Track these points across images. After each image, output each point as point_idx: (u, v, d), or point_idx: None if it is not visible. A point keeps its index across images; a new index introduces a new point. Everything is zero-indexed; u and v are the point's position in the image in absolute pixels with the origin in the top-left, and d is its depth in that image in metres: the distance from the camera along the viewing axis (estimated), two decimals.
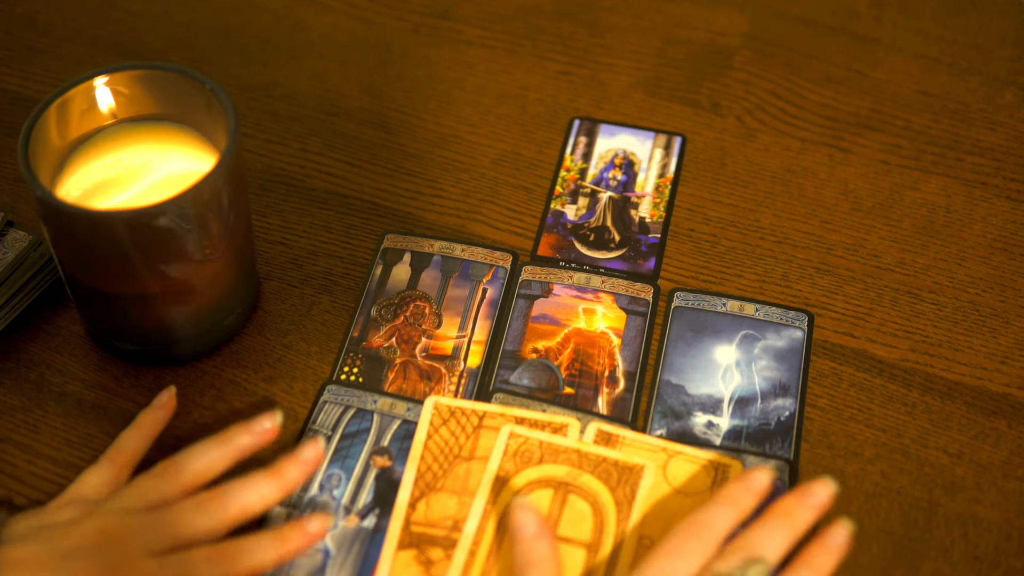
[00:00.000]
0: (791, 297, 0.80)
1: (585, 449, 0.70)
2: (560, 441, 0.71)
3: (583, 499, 0.68)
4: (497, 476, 0.69)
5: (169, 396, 0.72)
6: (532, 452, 0.70)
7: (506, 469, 0.69)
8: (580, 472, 0.69)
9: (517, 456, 0.70)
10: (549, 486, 0.69)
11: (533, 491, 0.69)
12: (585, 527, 0.67)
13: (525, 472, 0.69)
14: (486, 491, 0.69)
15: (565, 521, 0.67)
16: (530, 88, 0.92)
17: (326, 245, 0.82)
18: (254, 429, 0.68)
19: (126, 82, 0.72)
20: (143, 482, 0.66)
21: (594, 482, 0.69)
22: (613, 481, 0.69)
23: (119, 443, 0.69)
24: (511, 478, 0.69)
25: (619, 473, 0.69)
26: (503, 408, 0.73)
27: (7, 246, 0.76)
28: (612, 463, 0.69)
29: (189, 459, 0.66)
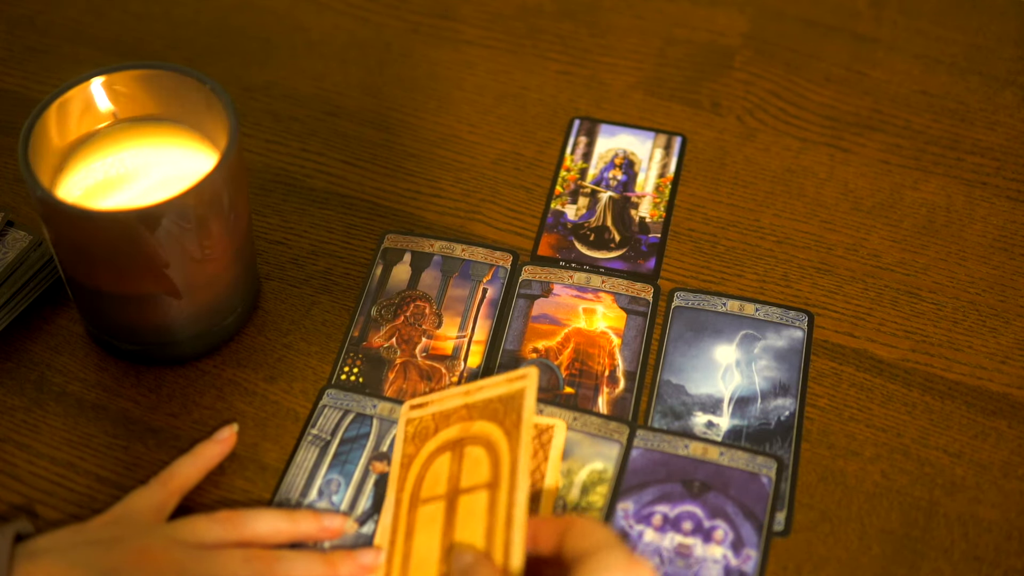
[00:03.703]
0: (791, 297, 0.80)
1: (471, 400, 0.69)
2: (448, 405, 0.70)
3: (477, 445, 0.67)
4: (401, 463, 0.69)
5: (231, 432, 0.72)
6: (427, 427, 0.70)
7: (407, 454, 0.69)
8: (471, 423, 0.68)
9: (416, 436, 0.70)
10: (446, 450, 0.68)
11: (433, 462, 0.68)
12: (482, 469, 0.66)
13: (424, 448, 0.69)
14: (394, 483, 0.69)
15: (465, 474, 0.67)
16: (530, 88, 0.92)
17: (326, 245, 0.82)
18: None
19: (126, 82, 0.72)
20: (200, 522, 0.66)
21: (485, 425, 0.68)
22: (500, 415, 0.68)
23: (173, 469, 0.69)
24: (413, 460, 0.69)
25: (504, 405, 0.68)
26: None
27: (7, 246, 0.76)
28: (497, 400, 0.68)
29: (254, 519, 0.66)
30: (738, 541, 0.68)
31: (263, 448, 0.72)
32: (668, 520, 0.69)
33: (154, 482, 0.68)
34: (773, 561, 0.68)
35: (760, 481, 0.71)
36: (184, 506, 0.69)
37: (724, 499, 0.70)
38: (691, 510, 0.70)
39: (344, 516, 0.69)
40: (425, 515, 0.66)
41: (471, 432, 0.68)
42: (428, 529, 0.65)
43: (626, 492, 0.70)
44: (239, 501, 0.70)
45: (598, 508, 0.70)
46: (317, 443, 0.72)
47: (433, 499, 0.67)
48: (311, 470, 0.71)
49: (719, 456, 0.72)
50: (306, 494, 0.70)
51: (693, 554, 0.68)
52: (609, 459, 0.72)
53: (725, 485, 0.70)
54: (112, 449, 0.72)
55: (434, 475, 0.68)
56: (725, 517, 0.69)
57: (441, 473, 0.67)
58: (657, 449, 0.72)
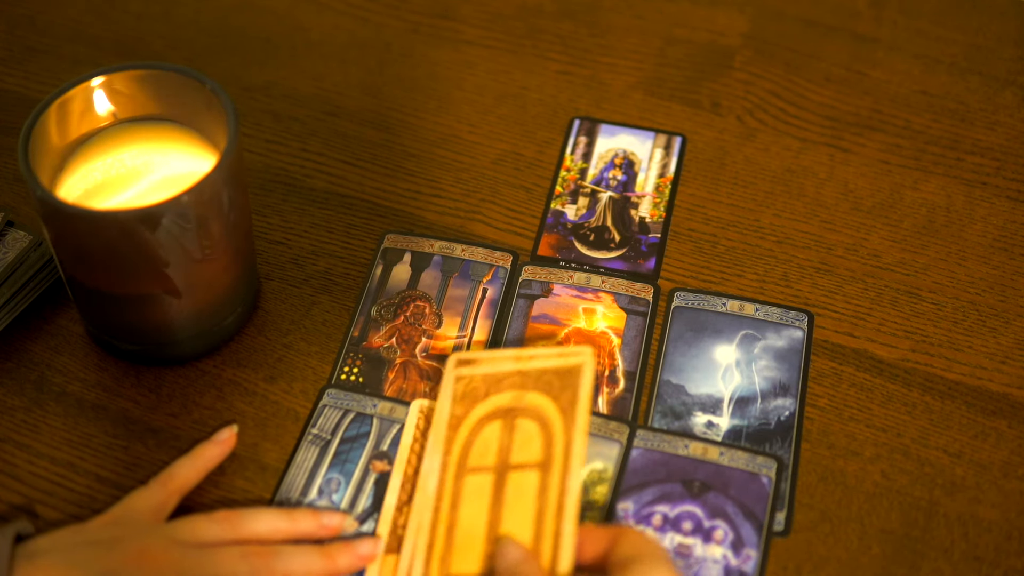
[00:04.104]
0: (791, 297, 0.80)
1: (526, 367, 0.68)
2: (502, 368, 0.69)
3: (530, 419, 0.67)
4: (449, 423, 0.68)
5: (230, 434, 0.72)
6: (477, 389, 0.69)
7: (456, 415, 0.68)
8: (524, 393, 0.68)
9: (465, 397, 0.69)
10: (497, 417, 0.67)
11: (483, 429, 0.68)
12: (535, 447, 0.66)
13: (473, 411, 0.68)
14: (440, 443, 0.68)
15: (516, 448, 0.66)
16: (530, 88, 0.92)
17: (326, 245, 0.82)
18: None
19: (126, 82, 0.72)
20: (199, 522, 0.66)
21: (538, 398, 0.67)
22: (555, 390, 0.67)
23: (172, 469, 0.69)
24: (462, 421, 0.68)
25: (560, 380, 0.67)
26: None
27: (7, 246, 0.76)
28: (552, 372, 0.68)
29: (253, 518, 0.66)
30: (738, 541, 0.68)
31: (263, 448, 0.72)
32: (668, 520, 0.69)
33: (154, 483, 0.68)
34: (773, 561, 0.68)
35: (760, 481, 0.71)
36: (184, 506, 0.69)
37: (724, 499, 0.70)
38: (691, 510, 0.70)
39: (343, 514, 0.69)
40: (472, 485, 0.65)
41: (524, 403, 0.67)
42: (475, 501, 0.64)
43: (626, 492, 0.70)
44: (239, 501, 0.70)
45: (598, 508, 0.70)
46: (317, 443, 0.72)
47: (481, 469, 0.66)
48: (311, 470, 0.71)
49: (719, 456, 0.72)
50: (306, 493, 0.70)
51: (693, 554, 0.68)
52: (609, 459, 0.72)
53: (725, 485, 0.70)
54: (112, 449, 0.72)
55: (483, 443, 0.66)
56: (725, 517, 0.69)
57: (490, 443, 0.66)
58: (657, 449, 0.72)
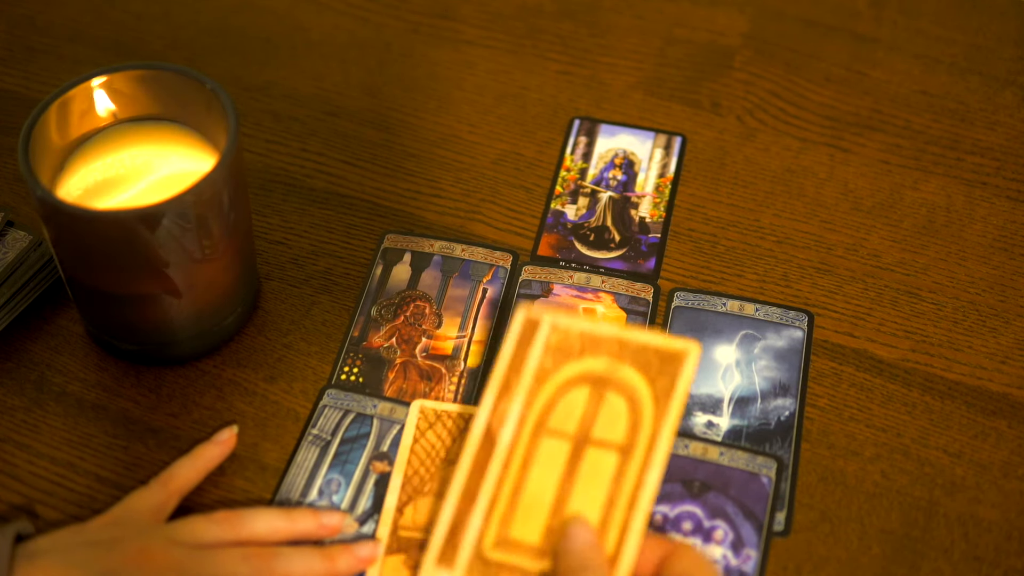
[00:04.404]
0: (791, 297, 0.80)
1: (626, 337, 0.66)
2: (602, 330, 0.66)
3: (620, 395, 0.64)
4: (536, 375, 0.66)
5: (230, 435, 0.72)
6: (572, 345, 0.66)
7: (545, 366, 0.66)
8: (620, 364, 0.65)
9: (558, 351, 0.66)
10: (586, 383, 0.65)
11: (570, 390, 0.65)
12: (620, 427, 0.63)
13: (565, 368, 0.65)
14: (525, 391, 0.65)
15: (600, 422, 0.64)
16: (530, 88, 0.92)
17: (326, 245, 0.82)
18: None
19: (126, 82, 0.72)
20: (198, 522, 0.66)
21: (634, 374, 0.65)
22: (653, 371, 0.64)
23: (172, 470, 0.69)
24: (550, 376, 0.66)
25: (660, 362, 0.65)
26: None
27: (7, 246, 0.76)
28: (653, 351, 0.65)
29: (252, 518, 0.66)
30: (738, 541, 0.68)
31: (263, 448, 0.72)
32: (668, 520, 0.69)
33: (154, 483, 0.68)
34: (773, 561, 0.68)
35: (760, 481, 0.71)
36: (184, 506, 0.69)
37: (724, 499, 0.70)
38: (691, 510, 0.70)
39: (342, 513, 0.69)
40: (548, 450, 0.63)
41: (617, 375, 0.65)
42: (548, 468, 0.63)
43: None
44: (239, 501, 0.70)
45: None
46: (317, 443, 0.72)
47: (560, 434, 0.64)
48: (311, 470, 0.71)
49: (719, 456, 0.72)
50: (306, 494, 0.70)
51: None
52: None
53: (725, 485, 0.70)
54: (112, 449, 0.72)
55: (567, 407, 0.64)
56: (725, 517, 0.69)
57: (575, 408, 0.64)
58: None
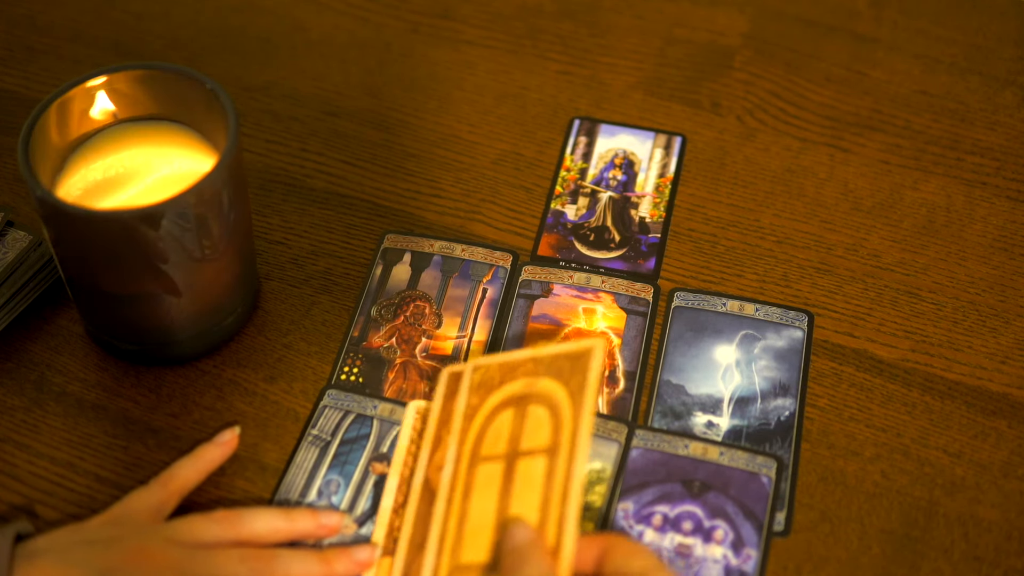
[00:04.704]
0: (791, 297, 0.80)
1: (539, 354, 0.68)
2: (517, 356, 0.68)
3: (541, 405, 0.66)
4: (465, 414, 0.68)
5: (232, 435, 0.71)
6: (493, 377, 0.68)
7: (472, 404, 0.68)
8: (537, 379, 0.67)
9: (481, 387, 0.68)
10: (510, 405, 0.67)
11: (497, 416, 0.67)
12: (544, 433, 0.65)
13: (489, 400, 0.68)
14: (457, 431, 0.67)
15: (526, 435, 0.65)
16: (530, 88, 0.92)
17: (326, 245, 0.82)
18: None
19: (126, 82, 0.72)
20: (197, 522, 0.66)
21: (550, 383, 0.66)
22: (566, 375, 0.66)
23: (173, 470, 0.69)
24: (477, 411, 0.67)
25: (571, 364, 0.66)
26: None
27: (7, 246, 0.76)
28: (563, 357, 0.67)
29: (252, 518, 0.66)
30: (738, 541, 0.68)
31: (263, 448, 0.72)
32: (668, 520, 0.69)
33: (154, 483, 0.68)
34: (773, 561, 0.68)
35: (760, 481, 0.71)
36: (184, 506, 0.69)
37: (724, 499, 0.70)
38: (691, 510, 0.70)
39: (341, 513, 0.69)
40: (484, 474, 0.65)
41: (536, 389, 0.66)
42: (486, 490, 0.64)
43: (626, 492, 0.70)
44: (239, 501, 0.70)
45: (597, 508, 0.70)
46: (317, 444, 0.72)
47: (493, 458, 0.65)
48: (311, 471, 0.71)
49: (719, 456, 0.72)
50: (306, 495, 0.70)
51: (693, 554, 0.68)
52: (608, 459, 0.72)
53: (725, 485, 0.70)
54: (112, 449, 0.72)
55: (496, 431, 0.66)
56: (725, 517, 0.69)
57: (503, 430, 0.66)
58: (657, 449, 0.72)
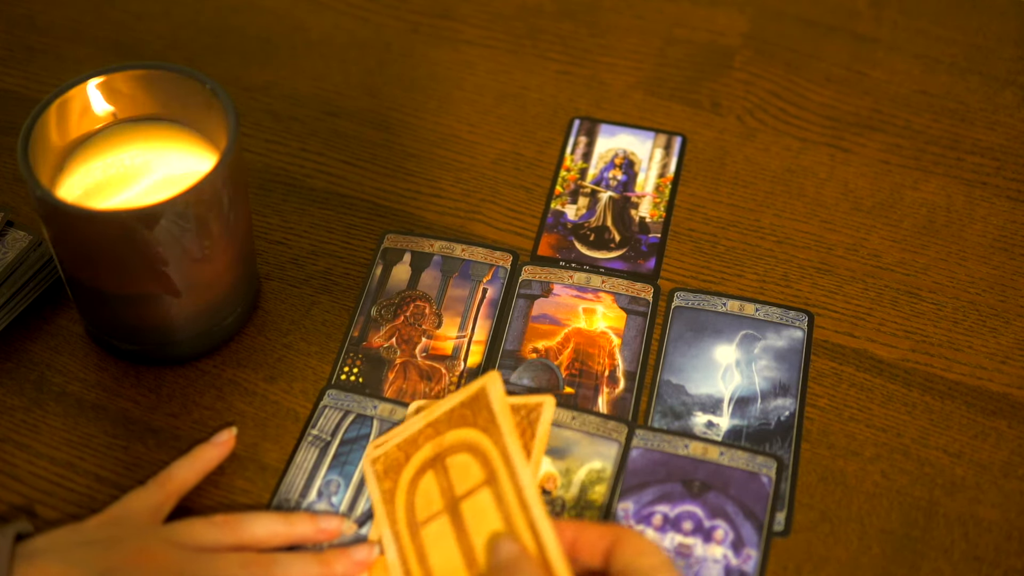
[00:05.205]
0: (791, 297, 0.80)
1: (433, 416, 0.69)
2: (409, 430, 0.69)
3: (458, 453, 0.67)
4: (383, 498, 0.68)
5: (229, 436, 0.71)
6: (398, 458, 0.69)
7: (387, 487, 0.68)
8: (442, 437, 0.68)
9: (389, 471, 0.69)
10: (426, 470, 0.68)
11: (418, 486, 0.68)
12: (473, 472, 0.66)
13: (401, 478, 0.68)
14: (383, 519, 0.68)
15: (456, 483, 0.66)
16: (530, 88, 0.92)
17: (326, 245, 0.82)
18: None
19: (126, 82, 0.72)
20: (197, 525, 0.66)
21: (457, 434, 0.67)
22: (470, 418, 0.67)
23: (171, 471, 0.69)
24: (396, 491, 0.68)
25: (470, 406, 0.67)
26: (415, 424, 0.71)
27: (7, 246, 0.76)
28: (459, 407, 0.68)
29: (251, 522, 0.66)
30: (738, 541, 0.68)
31: (263, 448, 0.72)
32: (668, 520, 0.69)
33: (152, 483, 0.68)
34: (773, 561, 0.68)
35: (760, 481, 0.71)
36: (183, 506, 0.69)
37: (724, 499, 0.70)
38: (691, 510, 0.70)
39: (341, 517, 0.69)
40: (431, 534, 0.66)
41: (445, 445, 0.68)
42: (440, 545, 0.65)
43: (626, 492, 0.70)
44: (239, 501, 0.70)
45: (597, 507, 0.70)
46: (317, 444, 0.72)
47: (433, 517, 0.66)
48: (311, 471, 0.71)
49: (719, 456, 0.72)
50: (306, 495, 0.70)
51: (693, 554, 0.68)
52: (608, 458, 0.72)
53: (725, 485, 0.70)
54: (112, 449, 0.72)
55: (424, 496, 0.67)
56: (725, 517, 0.69)
57: (431, 492, 0.67)
58: (657, 449, 0.72)
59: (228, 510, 0.69)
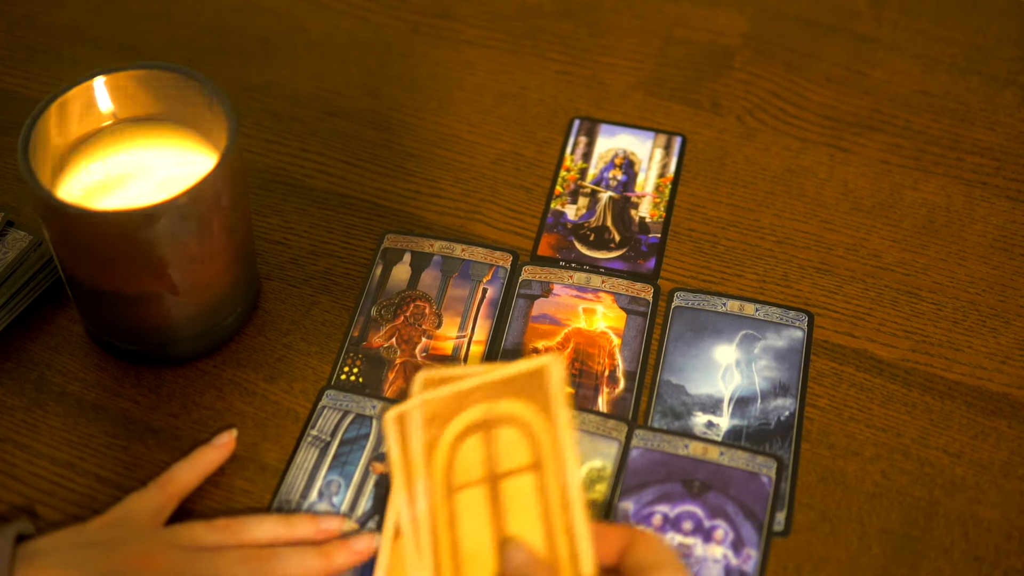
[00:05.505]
0: (791, 297, 0.80)
1: (491, 378, 0.65)
2: (464, 385, 0.65)
3: (508, 426, 0.64)
4: (424, 449, 0.64)
5: (229, 438, 0.71)
6: (445, 410, 0.65)
7: (429, 438, 0.65)
8: (495, 402, 0.65)
9: (434, 421, 0.65)
10: (473, 432, 0.64)
11: (462, 444, 0.65)
12: (521, 451, 0.63)
13: (447, 431, 0.65)
14: (420, 467, 0.64)
15: (501, 457, 0.64)
16: (530, 88, 0.92)
17: (326, 245, 0.82)
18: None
19: (126, 82, 0.72)
20: (199, 528, 0.66)
21: (511, 404, 0.64)
22: (527, 392, 0.64)
23: (171, 473, 0.69)
24: (437, 444, 0.65)
25: (529, 382, 0.64)
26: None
27: (7, 246, 0.76)
28: (519, 377, 0.65)
29: (253, 525, 0.67)
30: (738, 541, 0.68)
31: (263, 448, 0.72)
32: (668, 520, 0.69)
33: (152, 485, 0.68)
34: (773, 561, 0.68)
35: (760, 481, 0.71)
36: (184, 508, 0.69)
37: (724, 499, 0.70)
38: (691, 510, 0.70)
39: (341, 518, 0.69)
40: (465, 502, 0.63)
41: (497, 412, 0.64)
42: (473, 516, 0.62)
43: (626, 492, 0.70)
44: (239, 501, 0.70)
45: (598, 505, 0.70)
46: (317, 444, 0.72)
47: (470, 484, 0.63)
48: (311, 471, 0.71)
49: (719, 456, 0.72)
50: (306, 495, 0.70)
51: (693, 554, 0.68)
52: (608, 457, 0.72)
53: (725, 485, 0.70)
54: (112, 449, 0.72)
55: (465, 461, 0.64)
56: (725, 517, 0.69)
57: (473, 458, 0.64)
58: (657, 449, 0.72)
59: (229, 511, 0.69)
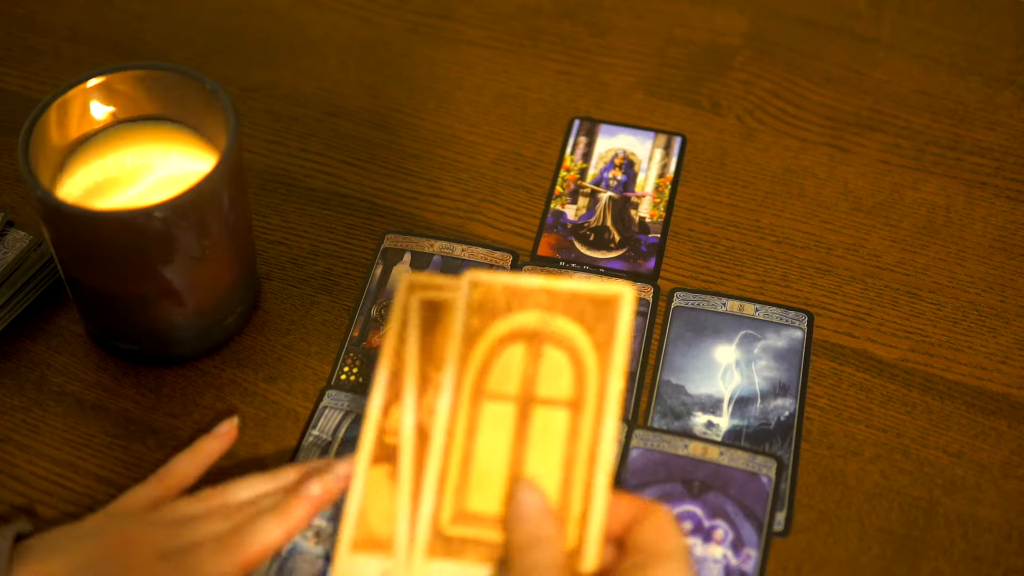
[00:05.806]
0: (791, 297, 0.80)
1: (555, 287, 0.61)
2: (526, 282, 0.61)
3: (559, 348, 0.60)
4: (464, 336, 0.61)
5: (230, 426, 0.71)
6: (497, 301, 0.61)
7: (473, 326, 0.61)
8: (552, 315, 0.60)
9: (483, 308, 0.61)
10: (520, 339, 0.60)
11: (504, 349, 0.60)
12: (564, 382, 0.59)
13: (494, 326, 0.61)
14: (455, 354, 0.61)
15: (542, 379, 0.59)
16: (530, 88, 0.92)
17: (326, 245, 0.82)
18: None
19: (126, 82, 0.72)
20: (182, 503, 0.66)
21: (569, 325, 0.60)
22: (589, 320, 0.60)
23: (172, 465, 0.68)
24: (479, 336, 0.61)
25: (595, 309, 0.60)
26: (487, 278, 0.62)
27: (7, 246, 0.76)
28: (586, 298, 0.60)
29: (236, 488, 0.66)
30: (738, 541, 0.68)
31: (263, 449, 0.72)
32: None
33: (152, 478, 0.68)
34: (773, 561, 0.68)
35: (760, 481, 0.71)
36: None
37: (724, 499, 0.70)
38: (691, 510, 0.70)
39: (327, 460, 0.68)
40: (491, 414, 0.59)
41: (551, 327, 0.60)
42: (494, 433, 0.59)
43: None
44: None
45: None
46: (318, 444, 0.72)
47: (501, 396, 0.60)
48: None
49: (719, 456, 0.72)
50: None
51: (693, 554, 0.68)
52: None
53: (725, 485, 0.70)
54: (112, 449, 0.72)
55: (504, 367, 0.60)
56: (725, 517, 0.69)
57: (512, 367, 0.60)
58: (657, 449, 0.72)
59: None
